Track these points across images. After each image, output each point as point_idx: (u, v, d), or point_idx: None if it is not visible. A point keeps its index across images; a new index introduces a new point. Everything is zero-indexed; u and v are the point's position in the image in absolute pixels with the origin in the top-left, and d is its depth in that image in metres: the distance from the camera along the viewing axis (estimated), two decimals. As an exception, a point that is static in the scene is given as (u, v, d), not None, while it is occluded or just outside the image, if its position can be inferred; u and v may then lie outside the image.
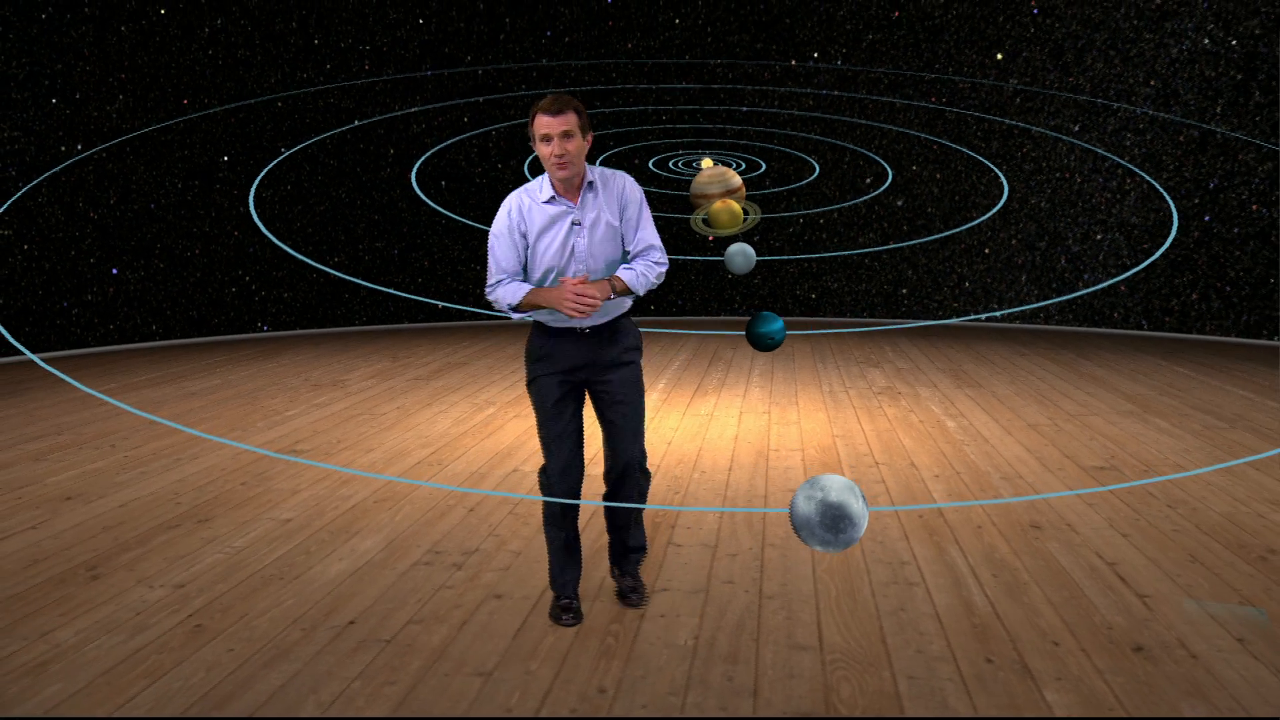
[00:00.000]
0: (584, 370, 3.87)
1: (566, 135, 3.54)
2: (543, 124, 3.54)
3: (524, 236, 3.74)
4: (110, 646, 3.65)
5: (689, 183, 5.53)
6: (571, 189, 3.71)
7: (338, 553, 4.65)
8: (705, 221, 5.80)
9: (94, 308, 12.19)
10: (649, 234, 3.83)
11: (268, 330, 13.85)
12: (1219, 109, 13.25)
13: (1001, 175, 14.59)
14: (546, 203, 3.71)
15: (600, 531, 4.85)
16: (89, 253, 12.19)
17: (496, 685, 3.38)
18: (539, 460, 6.26)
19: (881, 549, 4.75)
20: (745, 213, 5.85)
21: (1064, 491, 5.70)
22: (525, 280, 3.79)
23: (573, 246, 3.73)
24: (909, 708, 3.25)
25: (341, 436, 6.98)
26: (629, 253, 3.84)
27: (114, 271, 12.51)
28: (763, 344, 4.47)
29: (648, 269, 3.76)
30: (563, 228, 3.71)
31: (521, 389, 8.66)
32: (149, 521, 5.10)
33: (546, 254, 3.73)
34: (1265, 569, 4.58)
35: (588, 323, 3.76)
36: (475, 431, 7.17)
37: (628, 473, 4.06)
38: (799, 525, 2.78)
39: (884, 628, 3.86)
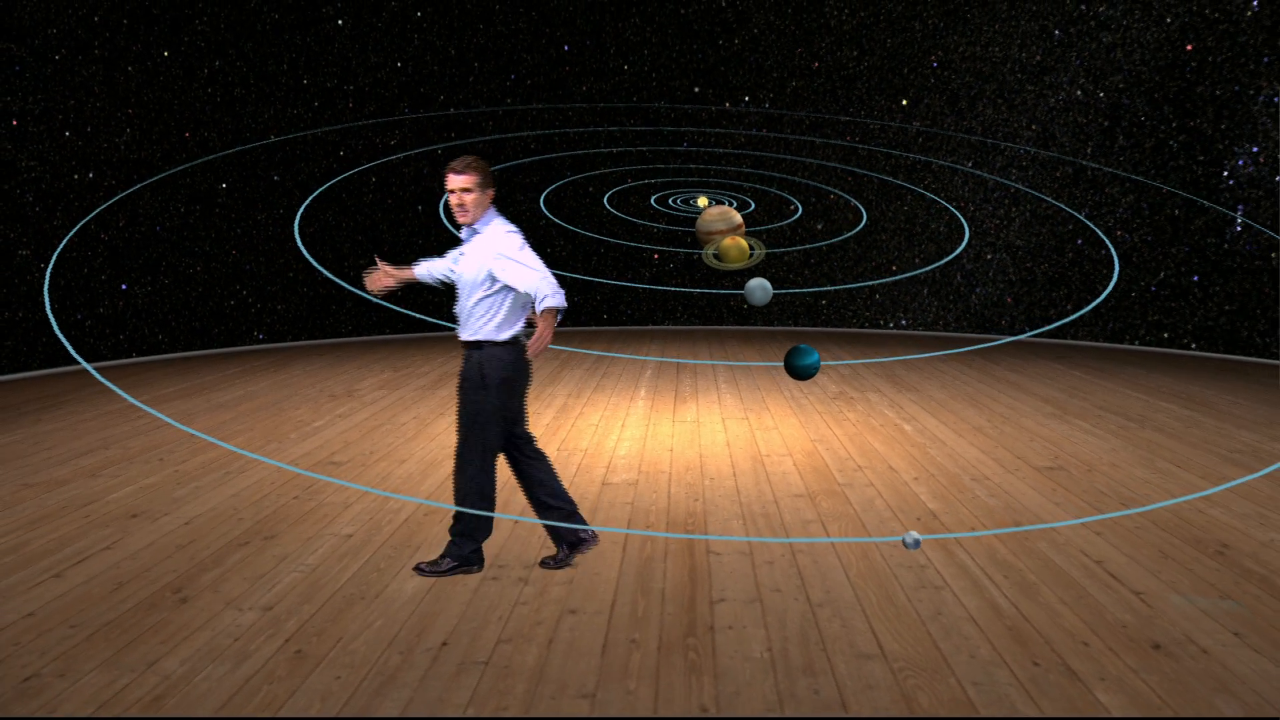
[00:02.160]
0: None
1: (465, 190, 3.89)
2: (449, 181, 3.93)
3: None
4: (219, 677, 3.24)
5: (676, 215, 5.70)
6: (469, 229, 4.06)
7: (405, 569, 4.28)
8: (716, 256, 5.54)
9: (106, 320, 11.49)
10: (516, 273, 3.91)
11: (263, 339, 13.22)
12: (1089, 149, 13.48)
13: (906, 203, 14.65)
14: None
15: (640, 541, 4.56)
16: (100, 270, 11.47)
17: (604, 707, 3.08)
18: (563, 469, 5.94)
19: (900, 553, 4.55)
20: (751, 249, 5.61)
21: (1073, 520, 5.57)
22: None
23: (456, 273, 4.11)
24: (985, 714, 3.05)
25: (372, 448, 6.55)
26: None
27: (123, 287, 11.82)
28: (802, 375, 4.25)
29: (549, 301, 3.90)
30: (455, 255, 4.16)
31: (537, 394, 8.26)
32: (218, 539, 4.64)
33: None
34: (1225, 562, 4.52)
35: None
36: (492, 440, 6.79)
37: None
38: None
39: (931, 633, 3.66)
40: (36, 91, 10.73)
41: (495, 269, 3.94)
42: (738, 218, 5.90)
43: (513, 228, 4.06)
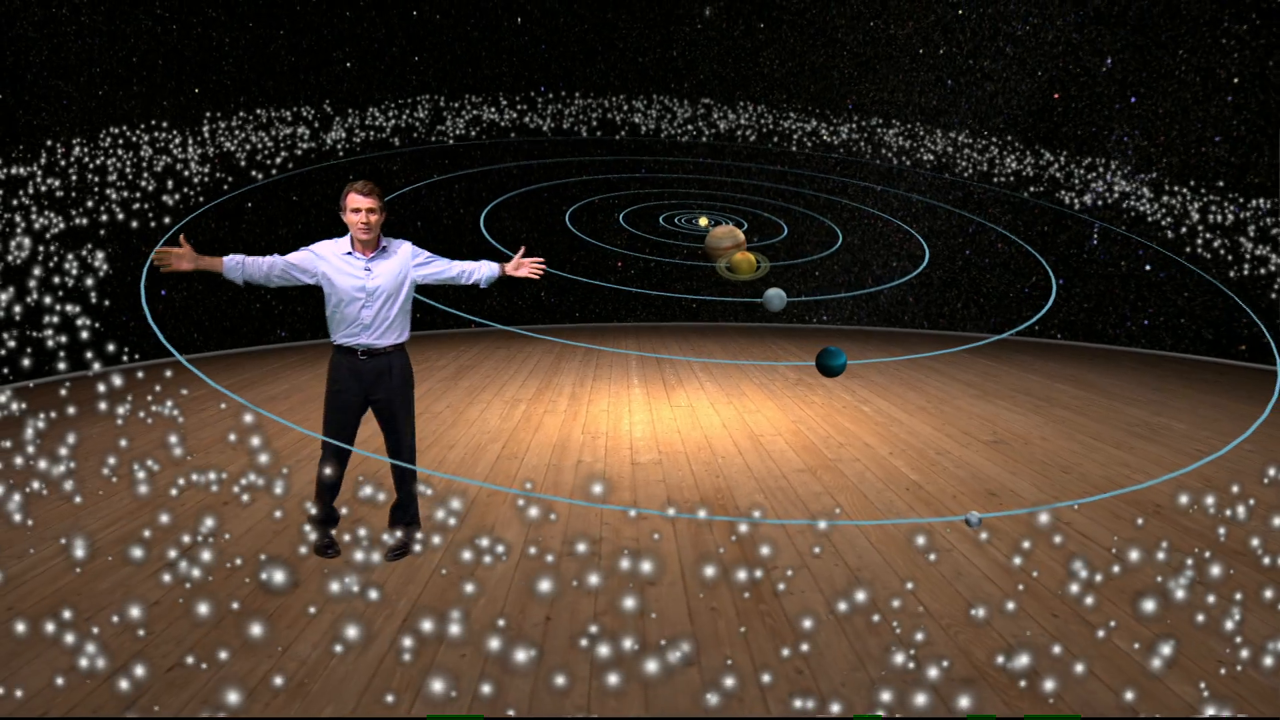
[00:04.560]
0: (366, 383, 3.73)
1: (371, 211, 3.53)
2: (355, 200, 3.53)
3: (319, 269, 3.61)
4: (353, 659, 2.92)
5: (682, 231, 5.47)
6: (368, 248, 3.62)
7: (487, 550, 3.96)
8: (728, 269, 5.31)
9: (148, 323, 10.74)
10: (437, 262, 3.80)
11: (285, 335, 12.57)
12: (975, 176, 13.64)
13: (827, 219, 14.64)
14: (345, 254, 3.62)
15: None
16: (127, 275, 10.76)
17: (711, 674, 2.86)
18: (591, 452, 5.68)
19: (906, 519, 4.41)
20: (758, 263, 5.40)
21: (1069, 501, 5.48)
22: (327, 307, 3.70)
23: (363, 287, 3.61)
24: (1026, 664, 2.91)
25: (421, 435, 6.15)
26: (450, 278, 3.84)
27: (163, 293, 11.08)
28: (831, 373, 4.07)
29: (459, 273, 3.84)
30: (353, 272, 3.60)
31: (536, 387, 7.96)
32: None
33: (342, 290, 3.61)
34: (1165, 519, 4.50)
35: (380, 343, 3.72)
36: (522, 426, 6.47)
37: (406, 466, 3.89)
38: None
39: (960, 592, 3.52)
40: (83, 123, 9.99)
41: (421, 273, 3.75)
42: (740, 235, 5.68)
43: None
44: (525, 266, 3.89)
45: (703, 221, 9.34)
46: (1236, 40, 10.74)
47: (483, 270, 3.86)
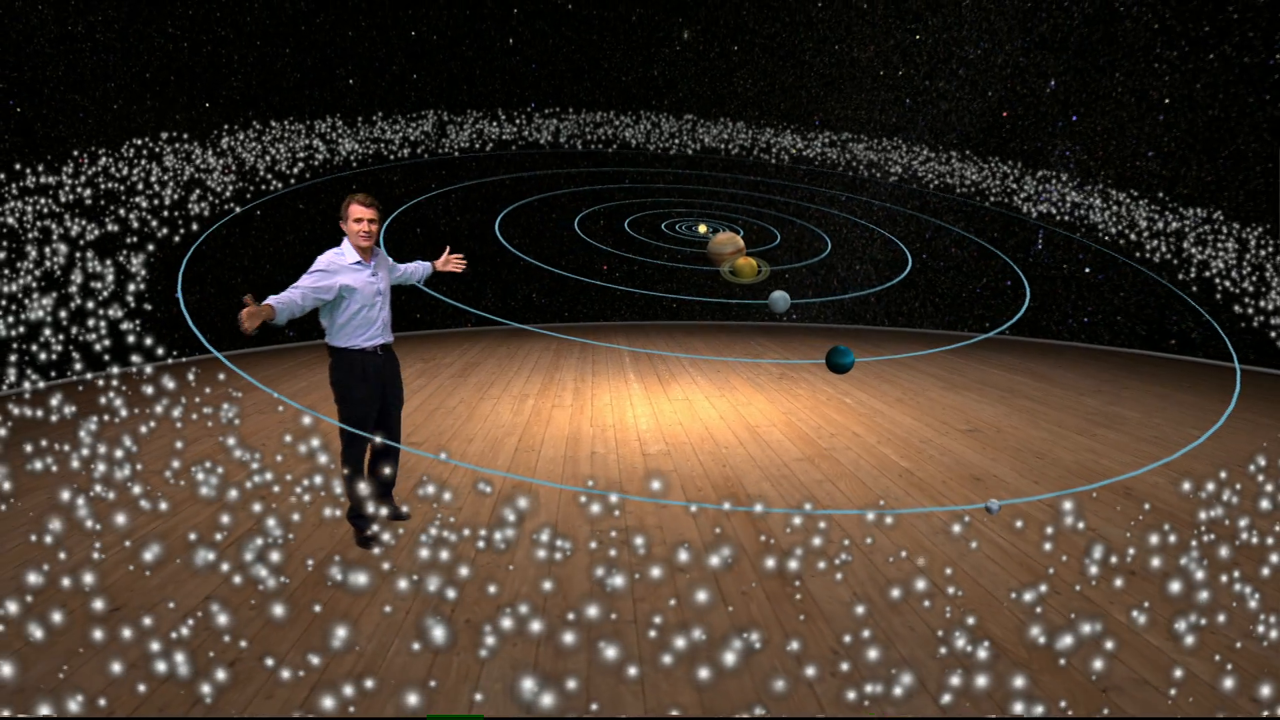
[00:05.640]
0: (383, 376, 3.69)
1: (372, 220, 3.55)
2: (360, 212, 3.54)
3: (337, 283, 3.54)
4: (410, 650, 2.79)
5: (683, 236, 5.36)
6: (366, 255, 3.62)
7: (523, 540, 3.85)
8: (731, 272, 5.23)
9: (162, 324, 10.43)
10: (401, 266, 3.99)
11: (293, 335, 12.27)
12: (932, 186, 13.73)
13: (796, 227, 14.64)
14: (354, 264, 3.58)
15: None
16: (155, 282, 10.40)
17: (757, 655, 2.78)
18: (604, 443, 5.58)
19: (904, 505, 4.38)
20: (760, 267, 5.34)
21: (1059, 492, 5.46)
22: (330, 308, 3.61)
23: (377, 290, 3.63)
24: (1038, 641, 2.89)
25: (440, 430, 6.00)
26: (404, 277, 4.01)
27: (177, 296, 10.73)
28: (841, 370, 4.01)
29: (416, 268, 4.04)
30: (365, 280, 3.59)
31: (548, 381, 7.82)
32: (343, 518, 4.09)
33: (364, 296, 3.59)
34: (1133, 500, 4.52)
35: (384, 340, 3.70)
36: (534, 420, 6.34)
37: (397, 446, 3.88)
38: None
39: (969, 572, 3.49)
40: (98, 135, 9.63)
41: (394, 276, 3.90)
42: (740, 241, 5.60)
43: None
44: (451, 262, 4.15)
45: (701, 229, 9.25)
46: (1167, 65, 10.92)
47: (420, 270, 4.09)
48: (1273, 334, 9.88)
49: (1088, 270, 12.20)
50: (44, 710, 2.39)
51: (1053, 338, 12.50)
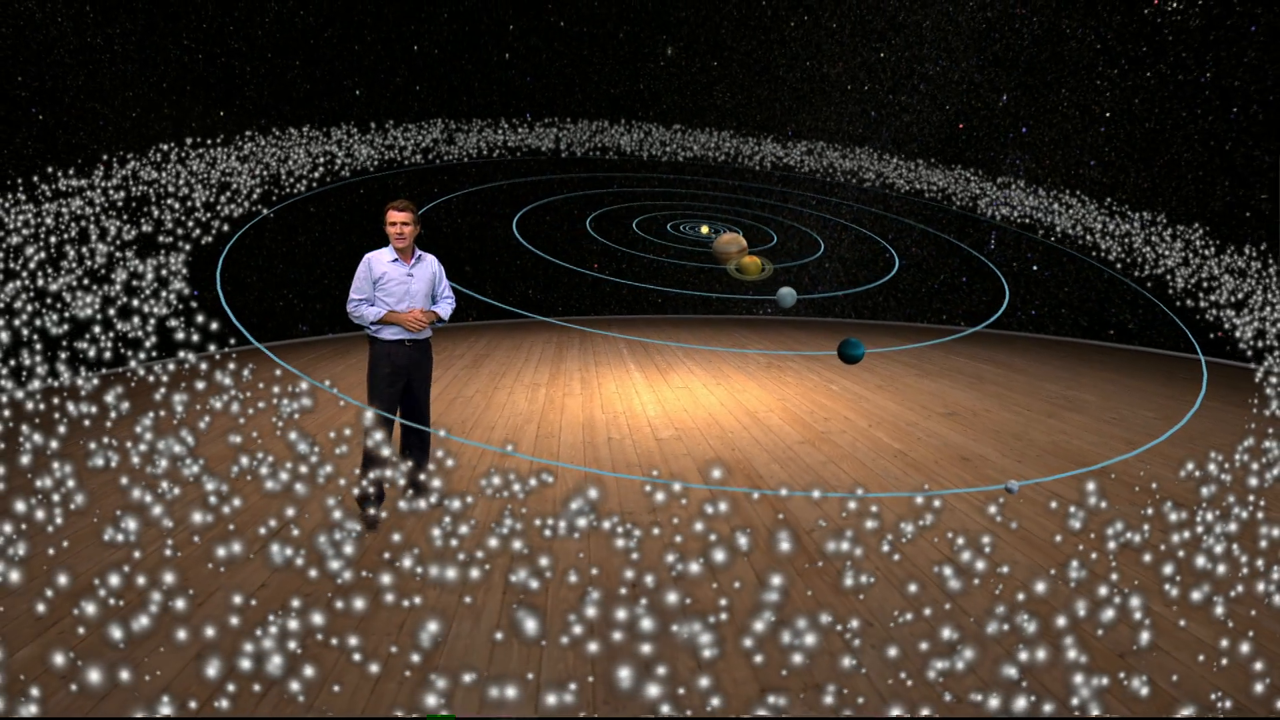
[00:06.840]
0: (408, 366, 3.67)
1: (405, 224, 3.61)
2: (393, 216, 3.62)
3: (373, 279, 3.64)
4: (469, 635, 2.67)
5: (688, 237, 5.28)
6: (405, 255, 3.69)
7: (559, 522, 3.73)
8: (738, 270, 5.13)
9: (182, 319, 10.10)
10: (446, 287, 3.88)
11: (306, 330, 11.95)
12: (900, 193, 13.75)
13: (770, 227, 14.59)
14: (391, 261, 3.65)
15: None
16: (174, 279, 10.04)
17: (802, 631, 2.70)
18: (618, 429, 5.47)
19: (902, 485, 4.33)
20: (764, 266, 5.25)
21: (1052, 476, 5.44)
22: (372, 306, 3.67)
23: (407, 289, 3.67)
24: (1049, 608, 2.85)
25: (463, 418, 5.82)
26: (435, 298, 3.83)
27: (195, 293, 10.38)
28: (852, 360, 3.94)
29: (446, 307, 3.80)
30: (399, 277, 3.65)
31: (555, 371, 7.67)
32: (387, 502, 3.94)
33: (394, 291, 3.64)
34: (1103, 477, 4.53)
35: (417, 336, 3.70)
36: (548, 408, 6.19)
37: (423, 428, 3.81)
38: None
39: (977, 547, 3.45)
40: (117, 143, 9.24)
41: (443, 280, 3.87)
42: (744, 241, 5.50)
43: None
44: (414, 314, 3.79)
45: (704, 230, 9.12)
46: (1108, 82, 11.03)
47: (443, 309, 3.86)
48: (1213, 334, 10.05)
49: (1035, 268, 12.33)
50: (138, 714, 2.23)
51: (1004, 329, 12.63)
